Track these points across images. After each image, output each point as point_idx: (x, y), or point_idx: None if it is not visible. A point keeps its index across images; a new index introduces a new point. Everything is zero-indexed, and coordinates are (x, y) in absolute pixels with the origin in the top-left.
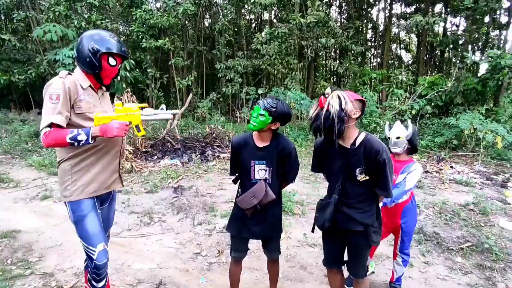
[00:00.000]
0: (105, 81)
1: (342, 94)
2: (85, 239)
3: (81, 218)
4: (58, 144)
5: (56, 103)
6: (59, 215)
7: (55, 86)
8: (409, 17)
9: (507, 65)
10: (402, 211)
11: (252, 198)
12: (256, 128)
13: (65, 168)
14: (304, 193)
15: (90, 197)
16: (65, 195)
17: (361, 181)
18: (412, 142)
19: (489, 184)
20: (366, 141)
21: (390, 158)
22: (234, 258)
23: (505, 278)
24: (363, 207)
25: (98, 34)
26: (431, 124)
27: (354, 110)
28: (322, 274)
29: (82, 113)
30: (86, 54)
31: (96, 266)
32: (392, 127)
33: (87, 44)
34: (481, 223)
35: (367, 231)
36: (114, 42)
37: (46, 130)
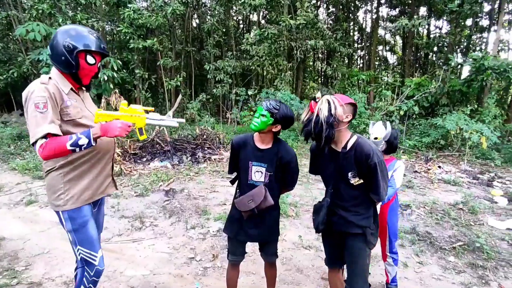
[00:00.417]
0: (84, 81)
1: (331, 99)
2: (87, 246)
3: (83, 224)
4: (59, 154)
5: (45, 111)
6: (45, 220)
7: (39, 94)
8: (394, 19)
9: (490, 66)
10: (389, 209)
11: (251, 202)
12: (257, 128)
13: (55, 177)
14: (297, 195)
15: (87, 204)
16: (58, 204)
17: (355, 184)
18: (389, 143)
19: (475, 183)
20: (357, 144)
21: (382, 161)
22: (231, 262)
23: (497, 276)
24: (359, 210)
25: (75, 29)
26: (418, 125)
27: (345, 114)
28: (319, 276)
29: (71, 120)
30: (61, 52)
31: (97, 272)
32: (372, 127)
33: (62, 41)
34: (470, 222)
35: (364, 233)
36: (92, 38)
37: (41, 141)
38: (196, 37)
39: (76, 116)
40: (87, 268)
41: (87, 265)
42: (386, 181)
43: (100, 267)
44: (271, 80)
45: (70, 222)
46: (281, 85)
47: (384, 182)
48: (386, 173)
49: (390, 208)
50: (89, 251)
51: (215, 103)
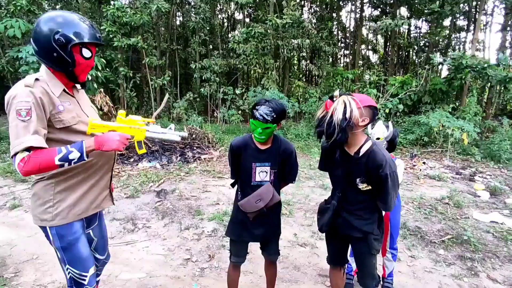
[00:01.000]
0: (81, 77)
1: (348, 101)
2: (76, 265)
3: (72, 242)
4: (44, 169)
5: (27, 120)
6: (32, 225)
7: (21, 98)
8: (376, 19)
9: (469, 65)
10: (390, 214)
11: (259, 201)
12: (266, 140)
13: (44, 188)
14: (289, 193)
15: (78, 220)
16: (45, 218)
17: (363, 190)
18: (390, 142)
19: (458, 178)
20: (371, 151)
21: (394, 172)
22: (234, 263)
23: (485, 267)
24: (363, 214)
25: (63, 17)
26: (403, 122)
27: (362, 117)
28: (316, 274)
29: (66, 127)
30: (51, 47)
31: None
32: (374, 127)
33: (51, 33)
34: (457, 216)
35: (366, 238)
36: (85, 27)
37: (23, 155)
38: (180, 35)
39: (71, 122)
40: (75, 287)
41: (76, 285)
42: (396, 191)
43: (89, 286)
44: (258, 79)
45: (59, 240)
46: (268, 84)
47: (394, 192)
48: (397, 184)
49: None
50: (78, 271)
51: (202, 102)
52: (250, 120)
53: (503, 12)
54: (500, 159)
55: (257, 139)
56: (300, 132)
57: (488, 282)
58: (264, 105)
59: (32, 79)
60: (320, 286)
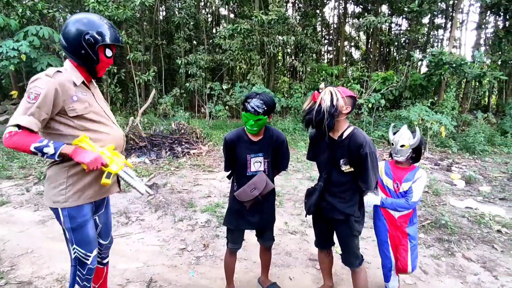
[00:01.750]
0: (100, 73)
1: (334, 91)
2: (83, 246)
3: (82, 224)
4: (19, 149)
5: (32, 103)
6: (24, 221)
7: (38, 84)
8: (358, 16)
9: (447, 61)
10: (409, 220)
11: (253, 190)
12: (258, 131)
13: (59, 171)
14: (278, 185)
15: (89, 203)
16: (57, 200)
17: (345, 172)
18: (417, 151)
19: (437, 168)
20: (352, 134)
21: (373, 153)
22: (231, 250)
23: (460, 248)
24: (345, 196)
25: (92, 21)
26: (385, 116)
27: (345, 105)
28: (306, 258)
29: (78, 115)
30: (81, 45)
31: (89, 270)
32: (398, 133)
33: (81, 34)
34: (435, 203)
35: (348, 220)
36: (111, 31)
37: (13, 129)
38: (165, 30)
39: (83, 112)
40: (79, 268)
41: (79, 265)
42: (375, 172)
43: (91, 266)
44: (244, 75)
45: (69, 221)
46: (253, 79)
47: (373, 172)
48: (376, 164)
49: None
50: (84, 251)
51: (188, 98)
52: (242, 113)
53: (479, 11)
54: (475, 150)
55: (249, 131)
56: (286, 126)
57: (463, 261)
58: (255, 98)
59: (53, 71)
60: (311, 269)
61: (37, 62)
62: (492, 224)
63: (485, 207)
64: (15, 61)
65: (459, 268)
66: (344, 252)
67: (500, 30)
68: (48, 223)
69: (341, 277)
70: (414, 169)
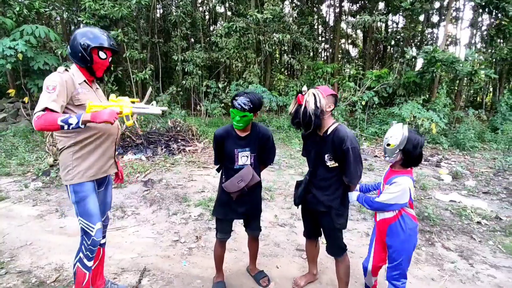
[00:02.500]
0: (98, 73)
1: (316, 92)
2: (85, 217)
3: (83, 198)
4: (49, 126)
5: (52, 92)
6: (22, 216)
7: (52, 79)
8: (355, 14)
9: (440, 59)
10: (388, 229)
11: (240, 182)
12: (244, 127)
13: (66, 155)
14: (270, 180)
15: (90, 180)
16: (67, 178)
17: (330, 167)
18: (405, 152)
19: (426, 164)
20: (336, 130)
21: (356, 148)
22: (220, 239)
23: (441, 238)
24: (329, 190)
25: (90, 31)
26: (378, 114)
27: (328, 104)
28: (294, 248)
29: (81, 104)
30: (78, 49)
31: (93, 242)
32: (389, 130)
33: (80, 40)
34: (421, 196)
35: (330, 212)
36: (103, 37)
37: (40, 113)
38: (161, 28)
39: (86, 102)
40: (85, 237)
41: (85, 235)
42: (359, 166)
43: (96, 238)
44: (240, 73)
45: (74, 195)
46: (250, 78)
47: (356, 167)
48: (359, 159)
49: (389, 227)
50: (88, 222)
51: (185, 96)
52: (230, 110)
53: (472, 9)
54: (465, 147)
55: (236, 126)
56: (281, 124)
57: (443, 250)
58: (243, 96)
59: (62, 69)
60: (297, 259)
61: (34, 61)
62: (473, 216)
63: (469, 201)
64: (12, 60)
65: (438, 257)
66: (328, 242)
67: (492, 28)
68: (46, 217)
69: (326, 265)
70: (402, 174)
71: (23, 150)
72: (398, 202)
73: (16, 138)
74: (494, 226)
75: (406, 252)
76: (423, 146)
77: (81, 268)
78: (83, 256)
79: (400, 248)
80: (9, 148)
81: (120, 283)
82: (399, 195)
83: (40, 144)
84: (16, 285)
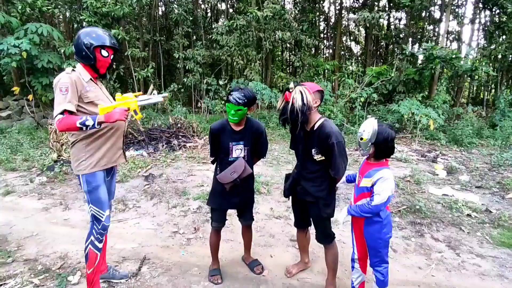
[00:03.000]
0: (101, 71)
1: (303, 89)
2: (97, 205)
3: (96, 187)
4: (70, 128)
5: (65, 94)
6: (28, 208)
7: (63, 81)
8: (357, 11)
9: (438, 56)
10: (365, 220)
11: (233, 173)
12: (239, 121)
13: (79, 147)
14: (268, 175)
15: (101, 170)
16: (80, 169)
17: (317, 160)
18: (377, 147)
19: (423, 160)
20: (322, 125)
21: (341, 142)
22: (215, 228)
23: (430, 230)
24: (317, 182)
25: (93, 30)
26: (377, 111)
27: (314, 100)
28: (288, 239)
29: (90, 101)
30: (82, 49)
31: (103, 227)
32: (362, 125)
33: (83, 40)
34: (415, 191)
35: (318, 203)
36: (105, 36)
37: (60, 116)
38: (163, 26)
39: (94, 99)
40: (95, 223)
41: (96, 221)
42: (343, 160)
43: (106, 223)
44: (241, 70)
45: (87, 185)
46: (251, 75)
47: (341, 160)
48: (344, 153)
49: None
50: (98, 209)
51: (186, 93)
52: (226, 104)
53: (472, 6)
54: (463, 143)
55: (231, 120)
56: None
57: (431, 241)
58: (238, 91)
59: (70, 70)
60: (291, 249)
61: (38, 59)
62: (463, 209)
63: (461, 194)
64: (17, 58)
65: (426, 247)
66: (317, 231)
67: (491, 25)
68: (51, 210)
69: (317, 254)
70: (378, 167)
71: (28, 146)
72: (392, 193)
73: (21, 134)
74: (483, 219)
75: (383, 240)
76: (393, 139)
77: (93, 250)
78: (94, 239)
79: (377, 237)
80: (14, 145)
81: (121, 270)
82: (391, 187)
83: (44, 140)
84: (23, 272)
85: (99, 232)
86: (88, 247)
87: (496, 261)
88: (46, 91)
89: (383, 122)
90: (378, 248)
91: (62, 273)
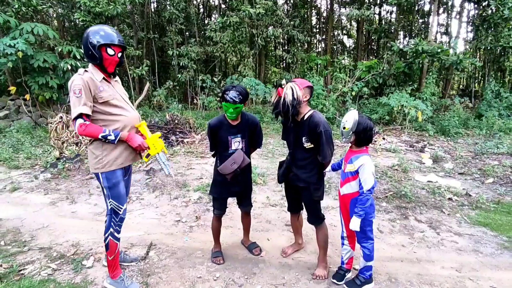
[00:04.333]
0: (109, 69)
1: (293, 86)
2: (117, 200)
3: (116, 184)
4: (91, 136)
5: (79, 96)
6: (36, 203)
7: (76, 83)
8: (348, 5)
9: (425, 50)
10: (350, 202)
11: (233, 164)
12: (236, 117)
13: (96, 146)
14: (264, 167)
15: (120, 168)
16: (98, 167)
17: (307, 148)
18: (357, 135)
19: (411, 150)
20: (311, 116)
21: (327, 131)
22: (216, 215)
23: (414, 213)
24: (308, 168)
25: (100, 29)
26: (368, 104)
27: (304, 95)
28: (283, 224)
29: (105, 101)
30: (88, 48)
31: (120, 219)
32: (344, 115)
33: (89, 39)
34: (402, 178)
35: (309, 187)
36: (112, 34)
37: (81, 121)
38: (156, 23)
39: (108, 98)
40: (114, 216)
41: (114, 214)
42: (330, 147)
43: (123, 216)
44: (235, 66)
45: (107, 181)
46: (244, 71)
47: (328, 147)
48: (330, 141)
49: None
50: (118, 204)
51: (181, 90)
52: (222, 103)
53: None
54: (449, 133)
55: (230, 117)
56: None
57: (415, 222)
58: (232, 90)
59: (82, 71)
60: (286, 232)
61: (33, 59)
62: (445, 193)
63: (444, 181)
64: (13, 58)
65: (410, 228)
66: (308, 213)
67: (476, 19)
68: (58, 204)
69: (310, 237)
70: (359, 154)
71: (29, 145)
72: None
73: (20, 134)
74: (463, 202)
75: (367, 219)
76: (372, 128)
77: (113, 240)
78: (113, 230)
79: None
80: (15, 143)
81: (131, 254)
82: (371, 169)
83: (43, 139)
84: (39, 259)
85: (117, 224)
86: (108, 238)
87: (472, 238)
88: (42, 91)
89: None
90: (363, 226)
91: (77, 258)
